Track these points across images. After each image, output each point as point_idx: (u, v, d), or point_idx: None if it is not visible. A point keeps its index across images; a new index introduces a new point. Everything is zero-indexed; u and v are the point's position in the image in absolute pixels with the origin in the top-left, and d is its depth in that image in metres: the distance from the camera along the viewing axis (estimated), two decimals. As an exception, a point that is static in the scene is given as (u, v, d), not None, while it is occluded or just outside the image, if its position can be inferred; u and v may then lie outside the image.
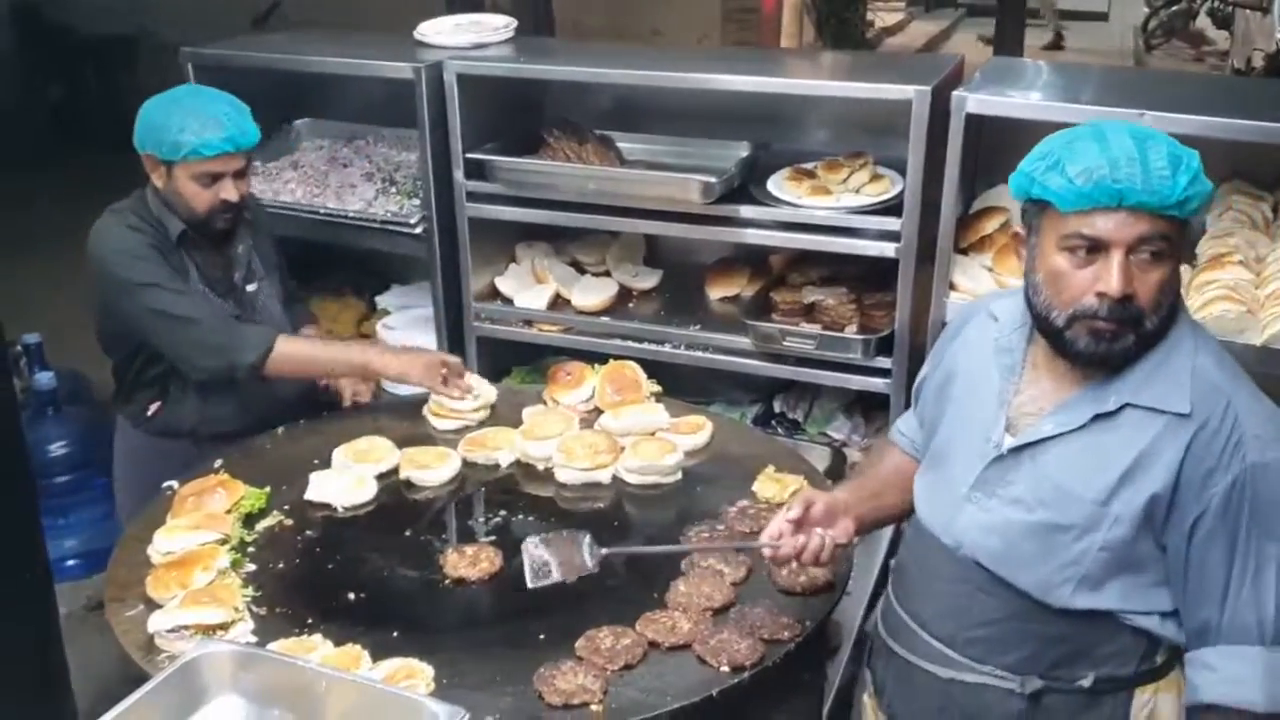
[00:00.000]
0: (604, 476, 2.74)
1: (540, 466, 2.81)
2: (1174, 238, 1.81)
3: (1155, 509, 1.84)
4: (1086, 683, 1.95)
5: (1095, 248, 1.80)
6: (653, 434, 2.87)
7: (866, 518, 2.24)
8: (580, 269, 3.75)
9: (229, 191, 2.88)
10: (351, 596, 2.35)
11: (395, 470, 2.79)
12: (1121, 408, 1.87)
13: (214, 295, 3.00)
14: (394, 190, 3.75)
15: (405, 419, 3.03)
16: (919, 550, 2.13)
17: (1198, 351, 1.87)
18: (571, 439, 2.82)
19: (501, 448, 2.86)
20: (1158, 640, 1.93)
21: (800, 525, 2.10)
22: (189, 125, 2.81)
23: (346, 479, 2.72)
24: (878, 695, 2.24)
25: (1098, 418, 1.88)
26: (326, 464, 2.81)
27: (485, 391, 3.05)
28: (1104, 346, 1.85)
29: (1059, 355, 1.92)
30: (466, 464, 2.83)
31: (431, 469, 2.76)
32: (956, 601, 2.04)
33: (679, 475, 2.76)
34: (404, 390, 3.40)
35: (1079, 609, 1.91)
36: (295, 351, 2.97)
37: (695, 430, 2.88)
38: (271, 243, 3.24)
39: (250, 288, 3.10)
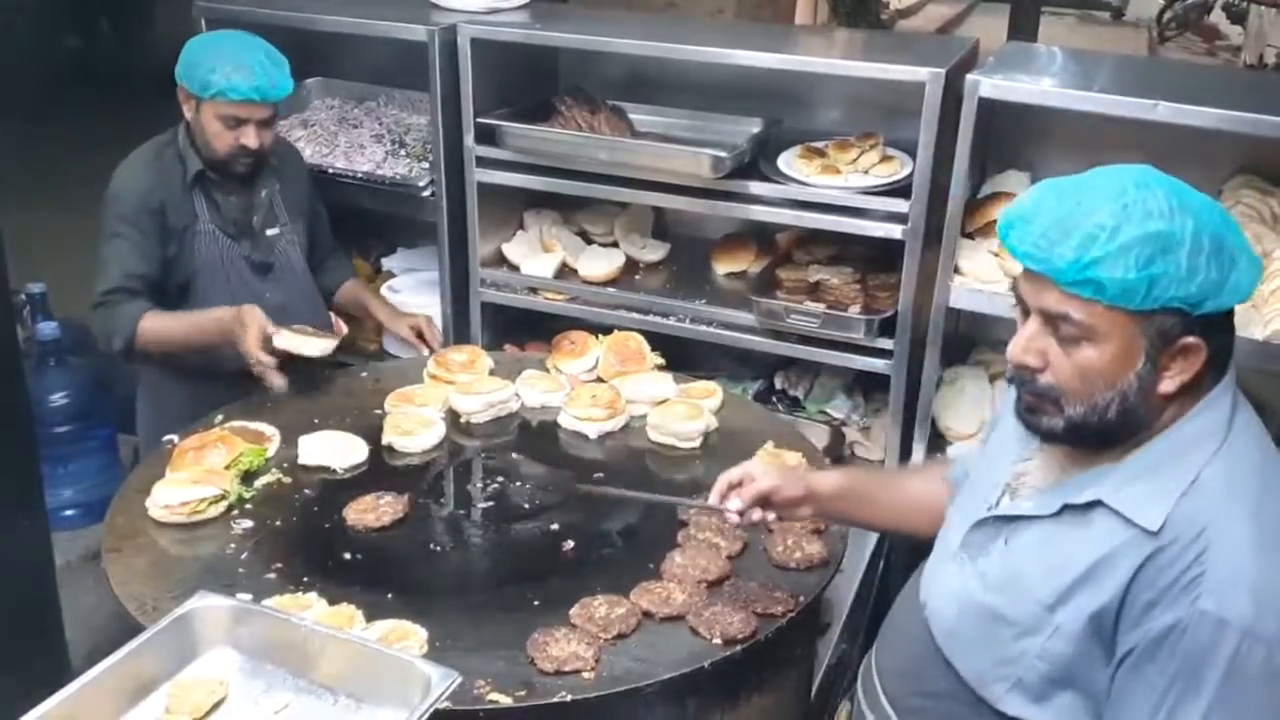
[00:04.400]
0: (610, 426, 2.82)
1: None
2: (1092, 323, 1.55)
3: (1103, 626, 1.59)
4: None
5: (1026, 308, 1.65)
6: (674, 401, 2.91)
7: (840, 510, 2.15)
8: (588, 239, 3.74)
9: (250, 138, 2.96)
10: (347, 556, 2.36)
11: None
12: (1093, 504, 1.62)
13: (224, 236, 3.07)
14: (403, 153, 3.74)
15: (407, 383, 3.02)
16: (906, 594, 2.00)
17: (1216, 459, 1.58)
18: (581, 389, 2.93)
19: (429, 404, 2.89)
20: None
21: (762, 501, 2.04)
22: (220, 67, 2.90)
23: (337, 441, 2.72)
24: None
25: (1068, 509, 1.65)
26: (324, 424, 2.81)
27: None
28: (1029, 419, 1.68)
29: None
30: (450, 427, 2.85)
31: (415, 436, 2.76)
32: (910, 664, 1.90)
33: (697, 443, 2.78)
34: (406, 353, 3.42)
35: (1013, 716, 1.70)
36: (155, 327, 2.94)
37: (707, 396, 2.94)
38: (305, 193, 3.32)
39: (270, 232, 3.17)
